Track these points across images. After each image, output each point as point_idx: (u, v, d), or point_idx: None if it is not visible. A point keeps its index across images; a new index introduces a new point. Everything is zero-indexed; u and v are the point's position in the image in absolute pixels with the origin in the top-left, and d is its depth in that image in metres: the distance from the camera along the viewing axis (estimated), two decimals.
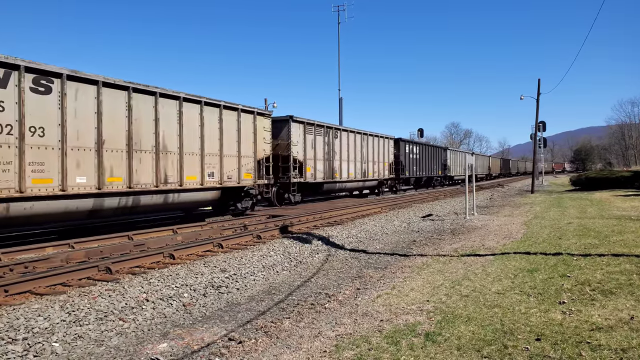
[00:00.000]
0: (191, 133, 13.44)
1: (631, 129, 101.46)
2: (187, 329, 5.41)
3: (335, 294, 6.73)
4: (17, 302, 5.83)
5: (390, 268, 8.45)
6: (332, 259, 9.57)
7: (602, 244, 9.67)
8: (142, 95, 11.99)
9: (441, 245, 10.84)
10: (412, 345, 4.50)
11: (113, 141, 11.18)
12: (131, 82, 11.65)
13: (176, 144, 12.97)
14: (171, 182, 12.78)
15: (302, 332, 5.11)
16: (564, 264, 7.88)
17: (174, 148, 12.89)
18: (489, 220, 15.55)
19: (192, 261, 8.40)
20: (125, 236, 10.96)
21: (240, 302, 6.59)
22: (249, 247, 9.85)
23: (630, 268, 7.32)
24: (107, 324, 5.37)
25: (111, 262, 7.67)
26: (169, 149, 12.73)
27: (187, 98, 13.29)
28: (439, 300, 6.02)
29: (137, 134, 11.79)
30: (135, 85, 11.73)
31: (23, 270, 7.59)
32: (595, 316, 5.13)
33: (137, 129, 11.78)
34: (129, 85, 11.54)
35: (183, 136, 13.09)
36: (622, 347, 4.24)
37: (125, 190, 11.42)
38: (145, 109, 12.07)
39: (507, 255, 8.85)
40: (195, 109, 13.66)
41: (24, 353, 4.54)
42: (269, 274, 8.21)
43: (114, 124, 11.22)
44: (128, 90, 11.54)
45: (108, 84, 11.04)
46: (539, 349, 4.28)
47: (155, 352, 4.71)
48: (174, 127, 12.91)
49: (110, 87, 11.10)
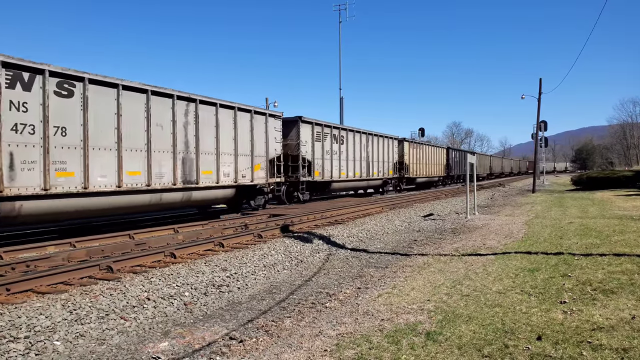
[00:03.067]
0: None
1: (633, 128, 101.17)
2: (188, 328, 5.42)
3: (336, 293, 6.74)
4: (19, 301, 5.84)
5: (391, 267, 8.45)
6: (333, 258, 9.57)
7: (603, 244, 9.66)
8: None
9: (442, 244, 10.84)
10: (413, 344, 4.50)
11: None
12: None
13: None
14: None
15: (303, 331, 5.12)
16: (565, 263, 7.87)
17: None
18: (490, 219, 15.54)
19: (193, 260, 8.40)
20: (127, 235, 10.98)
21: (241, 301, 6.60)
22: (250, 246, 9.86)
23: (632, 268, 7.32)
24: (109, 323, 5.38)
25: (112, 261, 7.68)
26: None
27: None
28: (439, 299, 6.02)
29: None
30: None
31: (25, 269, 7.60)
32: (597, 316, 5.12)
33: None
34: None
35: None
36: (623, 347, 4.23)
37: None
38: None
39: (508, 255, 8.85)
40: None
41: (26, 351, 4.55)
42: (270, 273, 8.22)
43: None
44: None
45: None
46: (540, 348, 4.28)
47: (156, 350, 4.72)
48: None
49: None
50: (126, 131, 11.46)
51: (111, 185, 11.06)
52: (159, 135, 12.42)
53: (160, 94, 12.46)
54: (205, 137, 13.91)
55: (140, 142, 11.89)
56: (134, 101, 11.72)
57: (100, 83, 10.85)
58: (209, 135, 14.12)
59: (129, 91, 11.57)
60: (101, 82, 10.88)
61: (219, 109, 14.46)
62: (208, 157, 14.05)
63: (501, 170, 62.36)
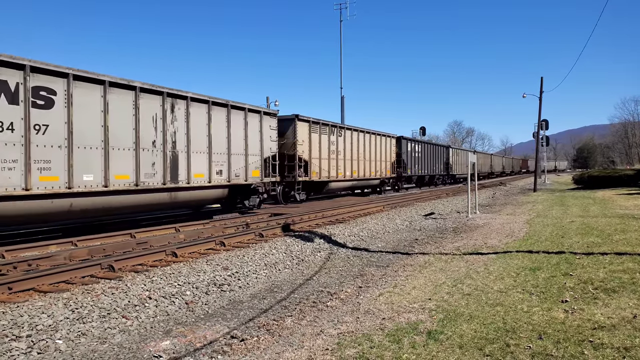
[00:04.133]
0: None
1: (634, 127, 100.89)
2: (190, 327, 5.43)
3: (337, 292, 6.74)
4: (20, 300, 5.85)
5: (392, 266, 8.45)
6: (334, 257, 9.58)
7: (604, 243, 9.64)
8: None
9: (443, 243, 10.84)
10: (414, 343, 4.50)
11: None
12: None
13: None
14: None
15: (304, 330, 5.12)
16: (566, 262, 7.87)
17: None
18: (492, 218, 15.53)
19: (194, 259, 8.41)
20: (128, 234, 10.99)
21: (242, 300, 6.61)
22: (251, 245, 9.86)
23: (633, 267, 7.30)
24: (110, 322, 5.39)
25: (114, 260, 7.69)
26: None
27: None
28: (441, 298, 6.02)
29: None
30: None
31: (26, 267, 7.61)
32: (598, 315, 5.12)
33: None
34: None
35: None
36: (624, 346, 4.23)
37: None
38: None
39: (510, 254, 8.85)
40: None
41: (28, 350, 4.57)
42: (271, 272, 8.22)
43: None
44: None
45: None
46: (541, 347, 4.28)
47: (158, 349, 4.73)
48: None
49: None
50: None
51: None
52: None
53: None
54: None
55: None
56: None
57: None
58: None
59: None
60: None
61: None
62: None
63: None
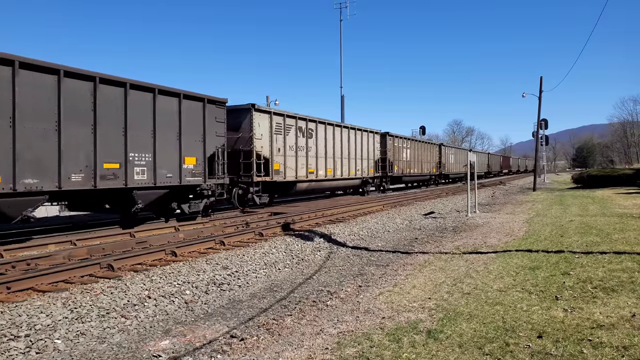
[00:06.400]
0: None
1: (633, 126, 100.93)
2: (189, 326, 5.42)
3: (337, 292, 6.74)
4: (19, 299, 5.84)
5: (392, 265, 8.45)
6: (333, 257, 9.57)
7: (603, 242, 9.65)
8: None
9: (443, 242, 10.84)
10: (413, 342, 4.50)
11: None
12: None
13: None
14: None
15: (304, 330, 5.12)
16: (565, 261, 7.87)
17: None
18: (491, 218, 15.54)
19: (194, 258, 8.41)
20: (127, 233, 10.99)
21: (242, 299, 6.60)
22: (251, 244, 9.86)
23: (632, 266, 7.31)
24: (109, 321, 5.38)
25: (113, 259, 7.68)
26: None
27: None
28: (440, 297, 6.03)
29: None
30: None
31: (25, 267, 7.60)
32: (597, 314, 5.12)
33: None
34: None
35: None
36: (623, 345, 4.23)
37: None
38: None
39: (509, 253, 8.85)
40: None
41: (27, 350, 4.56)
42: (271, 271, 8.22)
43: None
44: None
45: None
46: (540, 346, 4.28)
47: (157, 349, 4.72)
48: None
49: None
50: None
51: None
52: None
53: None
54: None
55: None
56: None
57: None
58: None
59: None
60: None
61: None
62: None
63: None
